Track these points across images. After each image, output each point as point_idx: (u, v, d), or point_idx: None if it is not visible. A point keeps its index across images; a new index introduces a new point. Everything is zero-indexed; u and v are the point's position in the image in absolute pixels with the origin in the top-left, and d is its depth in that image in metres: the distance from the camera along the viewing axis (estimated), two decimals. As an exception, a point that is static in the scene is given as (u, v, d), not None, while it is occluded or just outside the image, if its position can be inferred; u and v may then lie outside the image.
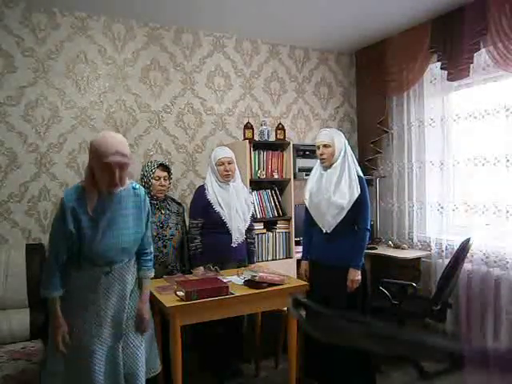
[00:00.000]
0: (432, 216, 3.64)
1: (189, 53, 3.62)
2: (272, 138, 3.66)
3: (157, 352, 2.12)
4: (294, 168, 3.67)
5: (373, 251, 3.73)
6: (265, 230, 3.48)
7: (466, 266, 3.12)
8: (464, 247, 2.84)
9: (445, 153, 3.49)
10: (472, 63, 3.16)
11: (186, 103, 3.61)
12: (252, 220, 2.97)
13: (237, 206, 2.81)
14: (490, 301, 3.06)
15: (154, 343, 2.11)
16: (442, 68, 3.40)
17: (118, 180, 1.75)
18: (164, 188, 2.73)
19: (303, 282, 2.54)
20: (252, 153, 3.45)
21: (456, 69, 3.26)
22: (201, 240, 2.79)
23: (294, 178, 3.62)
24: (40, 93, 3.08)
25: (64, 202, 1.77)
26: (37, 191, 3.08)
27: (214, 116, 3.74)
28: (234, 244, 2.79)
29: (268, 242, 3.50)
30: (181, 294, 2.16)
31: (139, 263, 2.01)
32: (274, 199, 3.54)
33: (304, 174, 3.66)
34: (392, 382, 2.79)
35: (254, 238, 3.02)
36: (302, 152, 3.82)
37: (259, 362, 2.98)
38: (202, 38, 3.67)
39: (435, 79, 3.56)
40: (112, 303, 1.86)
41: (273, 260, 3.50)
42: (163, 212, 2.72)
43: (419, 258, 3.59)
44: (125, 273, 1.90)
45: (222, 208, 2.77)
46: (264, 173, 3.50)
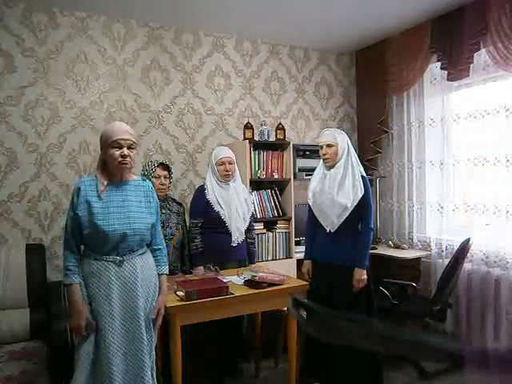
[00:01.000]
0: (432, 216, 3.64)
1: (189, 53, 3.62)
2: (272, 138, 3.66)
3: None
4: (294, 168, 3.67)
5: (373, 251, 3.72)
6: (265, 230, 3.48)
7: (466, 266, 3.12)
8: (464, 247, 2.84)
9: (445, 153, 3.49)
10: (472, 63, 3.16)
11: (186, 103, 3.61)
12: (252, 220, 2.97)
13: (237, 206, 2.81)
14: (490, 301, 3.06)
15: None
16: (442, 68, 3.40)
17: (128, 158, 1.86)
18: (164, 187, 2.73)
19: (303, 282, 2.54)
20: (252, 153, 3.45)
21: (456, 69, 3.26)
22: (201, 240, 2.79)
23: (294, 177, 3.62)
24: (40, 93, 3.08)
25: (75, 186, 1.90)
26: (37, 191, 3.08)
27: (214, 116, 3.74)
28: (234, 244, 2.79)
29: (268, 242, 3.50)
30: (181, 293, 2.16)
31: (154, 259, 2.04)
32: (274, 199, 3.54)
33: (304, 173, 3.66)
34: (392, 382, 2.79)
35: (254, 238, 3.02)
36: (302, 152, 3.81)
37: (259, 362, 2.98)
38: (202, 38, 3.67)
39: (435, 79, 3.56)
40: (124, 296, 1.87)
41: (273, 260, 3.50)
42: (164, 212, 2.72)
43: (419, 258, 3.59)
44: (137, 265, 1.91)
45: (221, 208, 2.77)
46: (264, 173, 3.50)
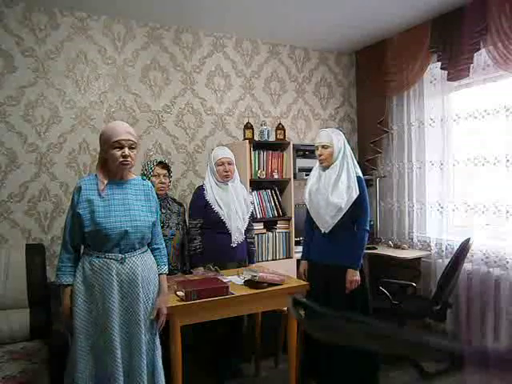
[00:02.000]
0: (432, 216, 3.63)
1: (189, 53, 3.62)
2: (272, 138, 3.66)
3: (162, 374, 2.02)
4: (294, 168, 3.67)
5: (373, 251, 3.73)
6: (265, 230, 3.48)
7: (466, 266, 3.12)
8: (464, 247, 2.84)
9: (445, 153, 3.49)
10: (472, 63, 3.16)
11: (186, 103, 3.61)
12: (251, 220, 2.97)
13: (236, 206, 2.81)
14: (490, 301, 3.06)
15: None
16: (441, 68, 3.40)
17: (129, 158, 1.88)
18: (164, 186, 2.73)
19: (303, 282, 2.54)
20: (252, 153, 3.45)
21: (456, 69, 3.26)
22: (200, 240, 2.79)
23: (294, 178, 3.62)
24: (40, 93, 3.08)
25: (76, 185, 1.92)
26: (37, 191, 3.08)
27: (213, 116, 3.74)
28: (233, 244, 2.79)
29: (268, 242, 3.50)
30: (181, 294, 2.16)
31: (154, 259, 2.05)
32: (274, 199, 3.55)
33: (304, 173, 3.66)
34: (392, 382, 2.78)
35: (253, 238, 3.02)
36: (302, 152, 3.81)
37: (259, 362, 2.98)
38: (201, 38, 3.67)
39: (435, 79, 3.56)
40: (124, 293, 1.87)
41: (273, 260, 3.50)
42: (164, 212, 2.72)
43: (419, 258, 3.59)
44: (138, 264, 1.91)
45: (221, 208, 2.77)
46: (264, 173, 3.50)
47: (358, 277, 2.50)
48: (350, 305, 2.50)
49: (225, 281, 2.36)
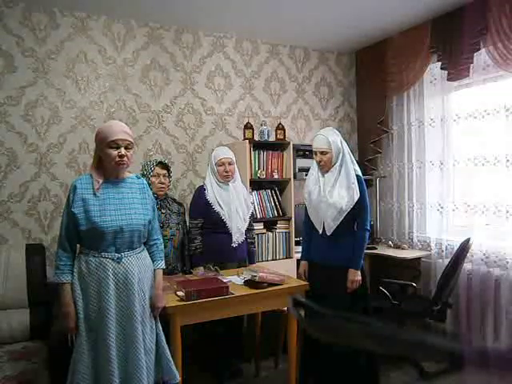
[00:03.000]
0: (432, 216, 3.63)
1: (189, 53, 3.62)
2: (272, 138, 3.66)
3: (170, 360, 2.04)
4: (294, 168, 3.67)
5: (373, 251, 3.73)
6: (265, 230, 3.48)
7: (466, 266, 3.12)
8: (464, 247, 2.84)
9: (445, 153, 3.49)
10: (472, 63, 3.16)
11: (186, 103, 3.61)
12: (252, 220, 2.97)
13: (236, 206, 2.81)
14: (490, 301, 3.06)
15: (166, 351, 2.04)
16: (442, 68, 3.40)
17: (125, 158, 1.88)
18: (164, 186, 2.72)
19: (303, 282, 2.54)
20: (252, 153, 3.45)
21: (456, 69, 3.26)
22: (201, 241, 2.79)
23: (294, 178, 3.62)
24: (40, 93, 3.08)
25: (71, 184, 1.93)
26: (37, 191, 3.08)
27: (214, 116, 3.74)
28: (234, 244, 2.79)
29: (268, 242, 3.50)
30: (181, 294, 2.16)
31: (150, 254, 2.05)
32: (274, 199, 3.55)
33: (304, 174, 3.65)
34: (392, 382, 2.78)
35: (253, 238, 3.02)
36: (302, 152, 3.81)
37: (259, 362, 2.98)
38: (201, 38, 3.67)
39: (435, 79, 3.56)
40: (120, 293, 1.87)
41: (273, 260, 3.50)
42: (164, 212, 2.72)
43: (419, 258, 3.59)
44: (135, 263, 1.91)
45: (221, 208, 2.77)
46: (264, 173, 3.50)
47: (359, 277, 2.50)
48: (351, 305, 2.50)
49: (225, 281, 2.36)
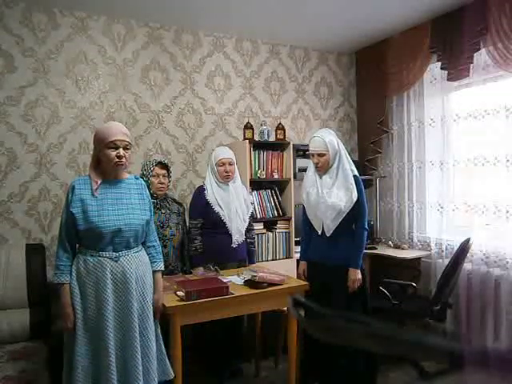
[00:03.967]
0: (432, 216, 3.63)
1: (189, 53, 3.62)
2: (272, 138, 3.66)
3: (165, 359, 2.08)
4: (294, 168, 3.66)
5: (373, 251, 3.73)
6: (265, 230, 3.48)
7: (466, 266, 3.12)
8: (464, 247, 2.84)
9: (445, 153, 3.49)
10: (472, 63, 3.16)
11: (186, 103, 3.61)
12: (251, 220, 2.97)
13: (236, 207, 2.81)
14: (490, 301, 3.06)
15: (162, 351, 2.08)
16: (442, 68, 3.40)
17: (124, 158, 1.89)
18: (163, 186, 2.72)
19: (303, 282, 2.54)
20: (252, 153, 3.45)
21: (456, 69, 3.26)
22: (201, 241, 2.79)
23: (294, 178, 3.62)
24: (40, 93, 3.08)
25: (70, 185, 1.94)
26: (37, 191, 3.07)
27: (214, 116, 3.74)
28: (233, 244, 2.79)
29: (268, 242, 3.49)
30: (181, 294, 2.16)
31: (148, 256, 2.06)
32: (273, 199, 3.54)
33: (304, 174, 3.65)
34: (392, 382, 2.78)
35: (253, 238, 3.02)
36: (302, 152, 3.81)
37: (259, 362, 2.98)
38: (202, 38, 3.67)
39: (435, 79, 3.55)
40: (118, 292, 1.88)
41: (273, 260, 3.50)
42: (163, 212, 2.72)
43: (419, 258, 3.59)
44: (132, 262, 1.92)
45: (221, 208, 2.77)
46: (264, 173, 3.50)
47: (359, 276, 2.50)
48: (350, 305, 2.50)
49: (225, 281, 2.36)
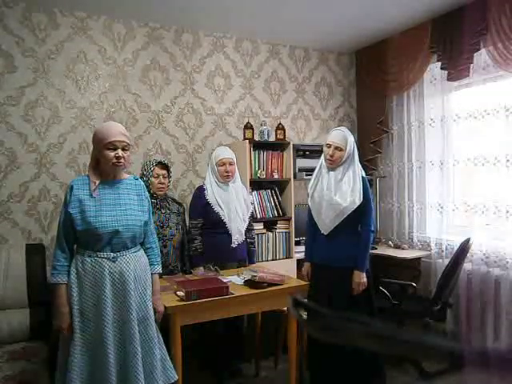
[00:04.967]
0: (432, 216, 3.63)
1: (189, 53, 3.62)
2: (272, 138, 3.66)
3: (168, 360, 2.06)
4: (294, 168, 3.66)
5: (373, 251, 3.72)
6: (265, 230, 3.48)
7: (466, 266, 3.12)
8: (464, 247, 2.84)
9: (445, 153, 3.49)
10: (472, 63, 3.16)
11: (185, 103, 3.61)
12: (251, 220, 2.97)
13: (236, 207, 2.81)
14: (490, 301, 3.06)
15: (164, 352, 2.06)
16: (442, 68, 3.40)
17: (122, 159, 1.89)
18: (163, 186, 2.72)
19: (303, 282, 2.54)
20: (252, 153, 3.45)
21: (456, 69, 3.26)
22: (200, 241, 2.79)
23: (294, 178, 3.62)
24: (40, 93, 3.08)
25: (68, 185, 1.94)
26: (37, 191, 3.07)
27: (214, 116, 3.73)
28: (233, 245, 2.79)
29: (268, 242, 3.50)
30: (181, 294, 2.16)
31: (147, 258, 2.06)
32: (273, 199, 3.54)
33: (304, 173, 3.66)
34: (392, 382, 2.78)
35: (253, 238, 3.02)
36: (302, 152, 3.81)
37: (259, 362, 2.98)
38: (201, 38, 3.67)
39: (435, 79, 3.55)
40: (116, 292, 1.88)
41: (273, 260, 3.50)
42: (163, 212, 2.72)
43: (419, 258, 3.59)
44: (131, 262, 1.92)
45: (221, 208, 2.77)
46: (264, 173, 3.50)
47: (365, 279, 2.46)
48: (355, 306, 2.48)
49: (225, 281, 2.36)
